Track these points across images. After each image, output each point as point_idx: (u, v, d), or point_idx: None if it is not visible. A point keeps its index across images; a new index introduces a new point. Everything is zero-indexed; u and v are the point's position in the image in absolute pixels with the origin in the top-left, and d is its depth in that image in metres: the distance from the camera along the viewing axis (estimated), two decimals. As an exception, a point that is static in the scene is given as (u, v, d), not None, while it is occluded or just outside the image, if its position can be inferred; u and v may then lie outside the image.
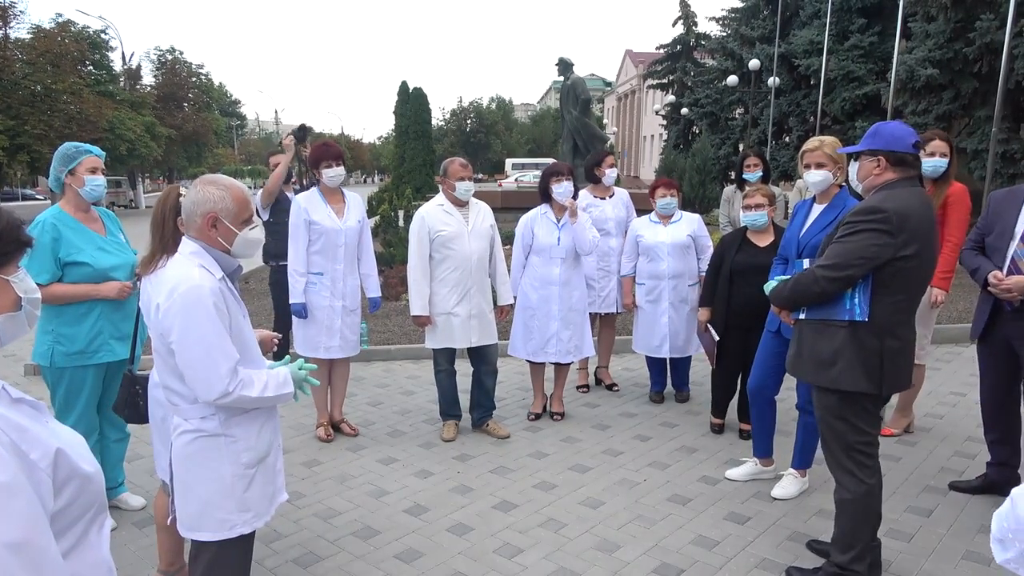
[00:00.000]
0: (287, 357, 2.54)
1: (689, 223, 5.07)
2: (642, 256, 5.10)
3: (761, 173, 5.56)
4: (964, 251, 3.70)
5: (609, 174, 5.35)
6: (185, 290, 2.13)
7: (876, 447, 2.83)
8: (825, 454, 2.92)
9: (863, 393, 2.71)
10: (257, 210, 4.48)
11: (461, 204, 4.48)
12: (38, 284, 3.32)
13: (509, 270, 4.93)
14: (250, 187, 4.50)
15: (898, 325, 2.70)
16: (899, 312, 2.69)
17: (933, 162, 4.08)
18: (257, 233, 2.33)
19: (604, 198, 5.40)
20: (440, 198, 4.52)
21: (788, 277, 2.99)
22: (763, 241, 4.30)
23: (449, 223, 4.42)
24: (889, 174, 2.73)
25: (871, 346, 2.67)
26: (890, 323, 2.68)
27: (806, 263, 2.94)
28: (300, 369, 2.42)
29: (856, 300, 2.68)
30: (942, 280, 4.18)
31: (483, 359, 4.66)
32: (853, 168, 2.96)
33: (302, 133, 5.09)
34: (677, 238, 4.97)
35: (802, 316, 2.86)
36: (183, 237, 2.29)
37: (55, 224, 3.24)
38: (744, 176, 5.65)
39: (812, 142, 3.57)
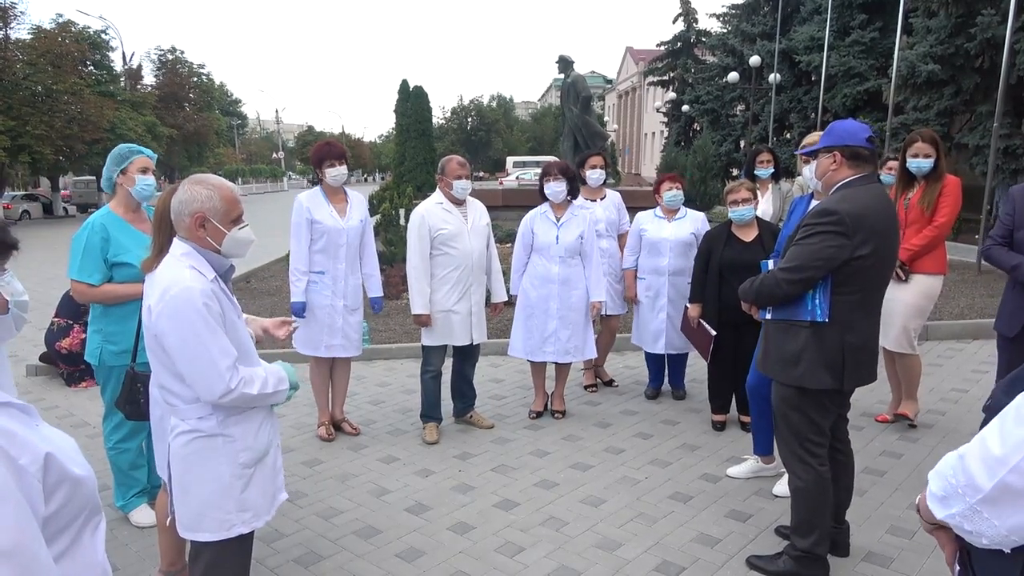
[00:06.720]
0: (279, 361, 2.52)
1: (693, 221, 5.04)
2: (644, 251, 5.08)
3: (773, 170, 5.49)
4: (992, 247, 3.70)
5: (592, 175, 5.30)
6: (176, 293, 2.12)
7: (827, 438, 2.93)
8: (779, 443, 3.04)
9: (823, 390, 2.79)
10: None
11: (459, 202, 4.48)
12: (90, 285, 3.30)
13: (508, 268, 4.92)
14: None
15: (857, 321, 2.78)
16: (858, 309, 2.76)
17: (917, 163, 4.34)
18: (247, 232, 2.33)
19: (595, 200, 5.36)
20: (438, 196, 4.50)
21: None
22: (748, 235, 4.32)
23: (450, 221, 4.41)
24: (845, 171, 2.79)
25: (833, 343, 2.75)
26: (849, 320, 2.75)
27: (771, 264, 3.01)
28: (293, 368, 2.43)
29: (817, 301, 2.75)
30: (905, 252, 4.31)
31: (469, 355, 4.68)
32: (809, 169, 2.98)
33: None
34: (680, 235, 4.95)
35: (768, 316, 2.94)
36: (175, 238, 2.29)
37: (104, 225, 3.32)
38: (756, 172, 5.52)
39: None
